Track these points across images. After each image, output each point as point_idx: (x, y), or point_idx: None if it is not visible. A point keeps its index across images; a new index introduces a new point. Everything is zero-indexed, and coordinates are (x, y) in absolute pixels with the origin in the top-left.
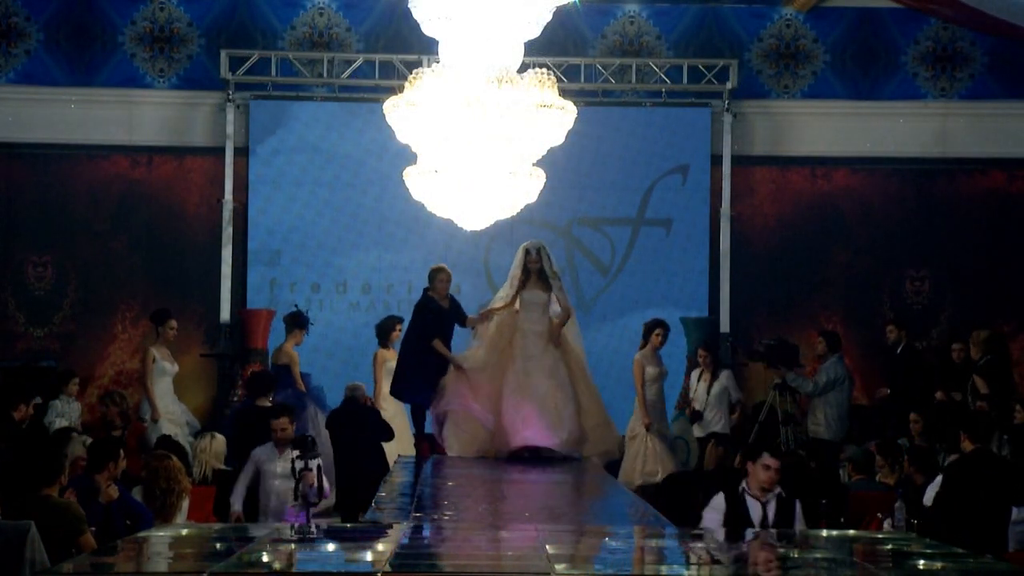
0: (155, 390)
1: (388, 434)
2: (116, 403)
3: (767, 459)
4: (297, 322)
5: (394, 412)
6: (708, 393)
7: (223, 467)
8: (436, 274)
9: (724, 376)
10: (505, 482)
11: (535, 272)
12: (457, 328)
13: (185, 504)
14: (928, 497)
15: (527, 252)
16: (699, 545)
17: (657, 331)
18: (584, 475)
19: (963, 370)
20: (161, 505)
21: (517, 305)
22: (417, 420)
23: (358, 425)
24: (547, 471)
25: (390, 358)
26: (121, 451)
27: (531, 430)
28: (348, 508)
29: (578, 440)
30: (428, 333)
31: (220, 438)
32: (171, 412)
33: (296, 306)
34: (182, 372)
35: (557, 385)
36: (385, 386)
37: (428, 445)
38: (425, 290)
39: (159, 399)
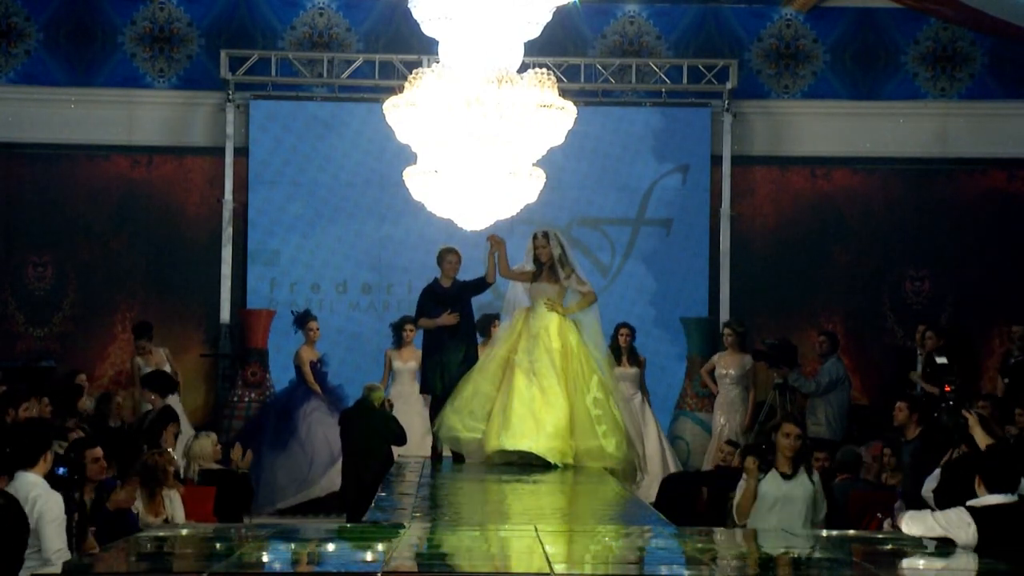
0: None
1: (399, 438)
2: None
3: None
4: (297, 323)
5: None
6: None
7: (215, 467)
8: (445, 255)
9: None
10: (505, 482)
11: (546, 264)
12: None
13: (177, 500)
14: (926, 489)
15: (534, 238)
16: (699, 545)
17: (726, 331)
18: (584, 475)
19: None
20: (149, 496)
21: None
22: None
23: (368, 425)
24: (547, 472)
25: (396, 358)
26: (98, 451)
27: (505, 434)
28: (354, 508)
29: (561, 449)
30: (429, 319)
31: (212, 438)
32: None
33: (293, 311)
34: (181, 372)
35: (541, 390)
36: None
37: (439, 449)
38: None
39: None
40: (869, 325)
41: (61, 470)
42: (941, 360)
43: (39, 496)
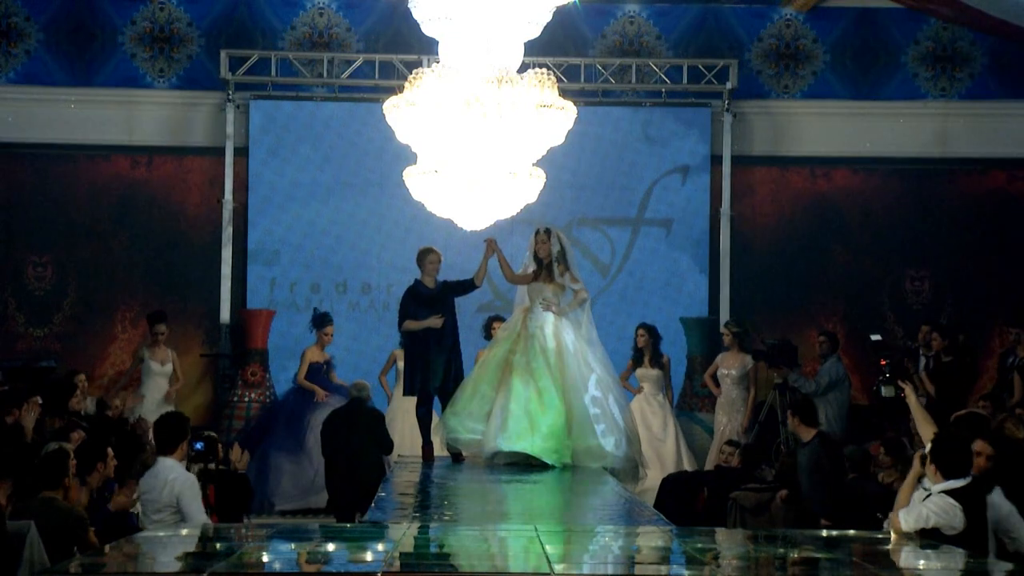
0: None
1: (385, 446)
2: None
3: None
4: (314, 323)
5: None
6: None
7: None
8: (425, 255)
9: None
10: (504, 482)
11: (545, 262)
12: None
13: None
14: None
15: (536, 234)
16: (699, 545)
17: (723, 331)
18: (583, 475)
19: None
20: None
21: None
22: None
23: (356, 426)
24: (546, 472)
25: (402, 359)
26: (109, 451)
27: (502, 436)
28: (342, 510)
29: (557, 449)
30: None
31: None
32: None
33: (316, 309)
34: (181, 372)
35: (537, 391)
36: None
37: (432, 449)
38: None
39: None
40: (869, 325)
41: (199, 445)
42: (876, 337)
43: (176, 478)
